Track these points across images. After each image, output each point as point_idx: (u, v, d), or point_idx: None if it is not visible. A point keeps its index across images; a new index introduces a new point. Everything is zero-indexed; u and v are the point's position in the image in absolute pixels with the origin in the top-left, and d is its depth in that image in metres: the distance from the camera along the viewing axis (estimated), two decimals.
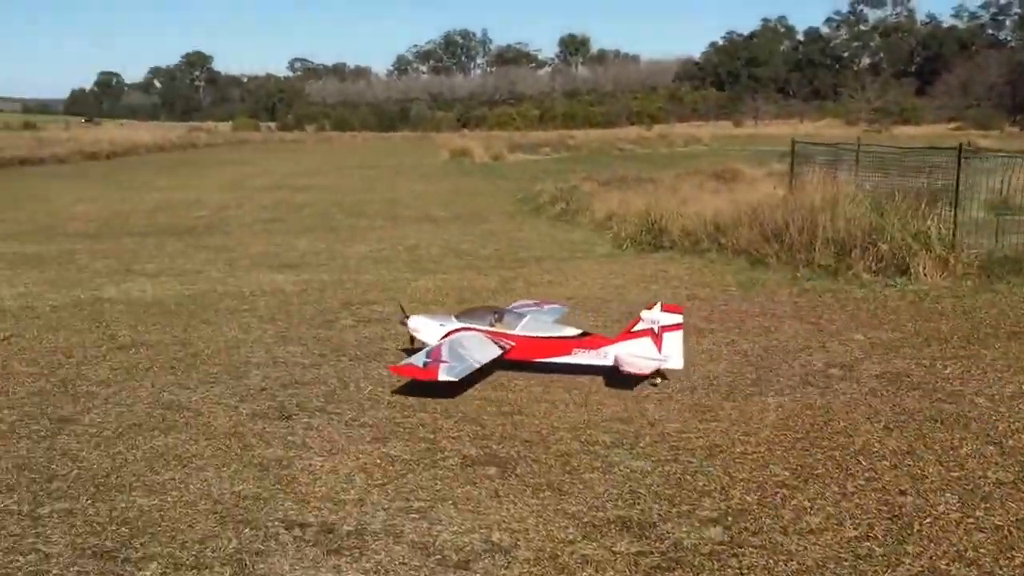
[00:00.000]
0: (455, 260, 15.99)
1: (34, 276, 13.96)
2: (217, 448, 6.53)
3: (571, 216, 23.07)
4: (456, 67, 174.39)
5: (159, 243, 18.43)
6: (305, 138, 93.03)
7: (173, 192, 31.75)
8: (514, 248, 17.67)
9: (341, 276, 13.97)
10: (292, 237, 19.41)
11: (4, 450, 6.53)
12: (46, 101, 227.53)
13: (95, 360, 8.95)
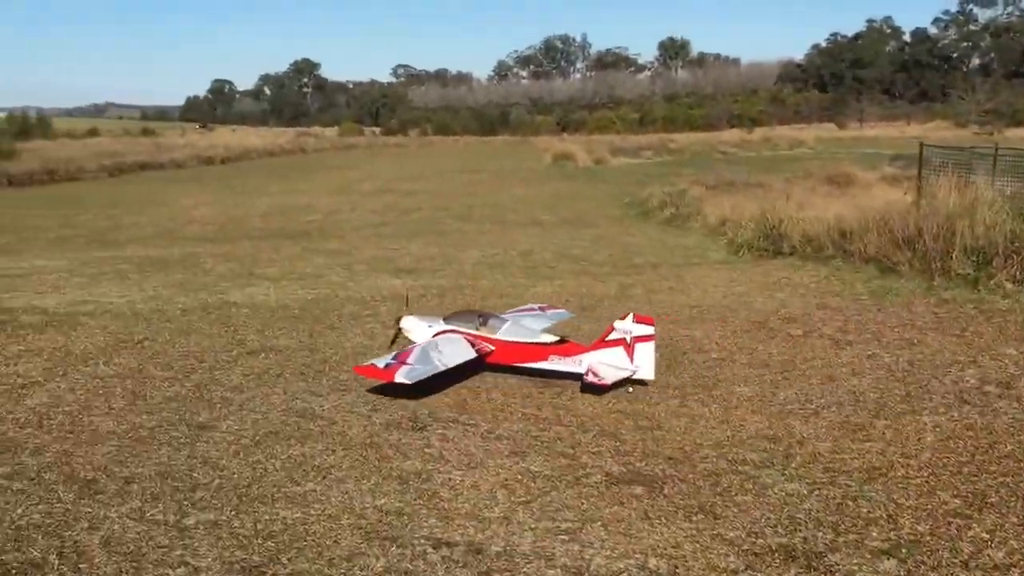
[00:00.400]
0: (570, 265, 15.76)
1: (161, 279, 14.29)
2: (355, 459, 6.43)
3: (682, 221, 22.61)
4: (556, 72, 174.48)
5: (276, 246, 18.72)
6: (408, 142, 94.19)
7: (285, 196, 32.42)
8: (627, 254, 17.34)
9: (458, 281, 13.89)
10: (404, 241, 19.49)
11: (146, 456, 6.57)
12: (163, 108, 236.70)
13: (227, 365, 9.02)
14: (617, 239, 19.56)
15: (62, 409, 7.69)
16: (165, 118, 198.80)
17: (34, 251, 18.61)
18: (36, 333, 10.51)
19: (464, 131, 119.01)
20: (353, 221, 24.25)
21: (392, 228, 22.65)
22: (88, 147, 60.51)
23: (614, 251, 17.58)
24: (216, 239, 20.74)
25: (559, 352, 8.25)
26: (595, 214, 26.26)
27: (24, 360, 9.32)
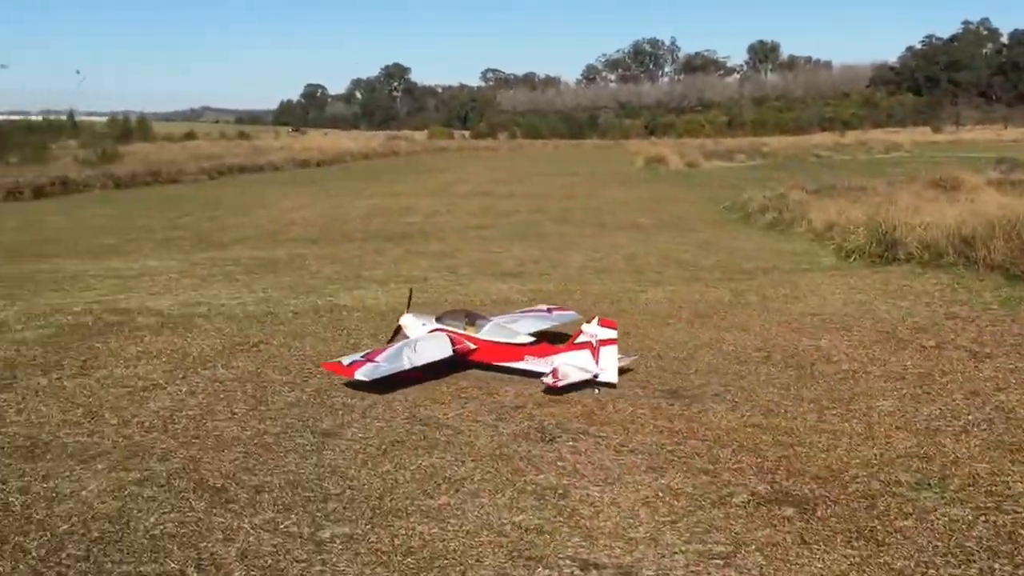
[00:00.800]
0: (678, 271, 15.36)
1: (270, 281, 14.38)
2: (486, 471, 6.22)
3: (785, 226, 21.96)
4: (644, 75, 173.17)
5: (379, 249, 18.75)
6: (498, 145, 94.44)
7: (382, 198, 32.63)
8: (735, 259, 16.84)
9: (566, 286, 13.63)
10: (505, 244, 19.33)
11: (273, 464, 6.47)
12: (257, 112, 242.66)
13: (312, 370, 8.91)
14: (722, 244, 19.06)
15: (185, 413, 7.67)
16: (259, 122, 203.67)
17: (143, 252, 19.00)
18: (153, 335, 10.61)
19: (553, 135, 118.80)
20: (452, 223, 24.21)
21: (492, 231, 22.51)
22: (187, 150, 62.32)
23: (721, 256, 17.11)
24: (319, 241, 20.90)
25: (534, 353, 8.46)
26: (694, 218, 25.74)
27: (144, 362, 9.40)
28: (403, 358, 8.27)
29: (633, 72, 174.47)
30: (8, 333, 10.75)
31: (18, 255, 18.62)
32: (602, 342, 7.97)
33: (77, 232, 23.08)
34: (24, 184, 32.60)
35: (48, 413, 7.73)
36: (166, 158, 50.66)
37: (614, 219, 25.07)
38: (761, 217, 23.84)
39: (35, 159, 46.11)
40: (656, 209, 27.95)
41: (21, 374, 8.97)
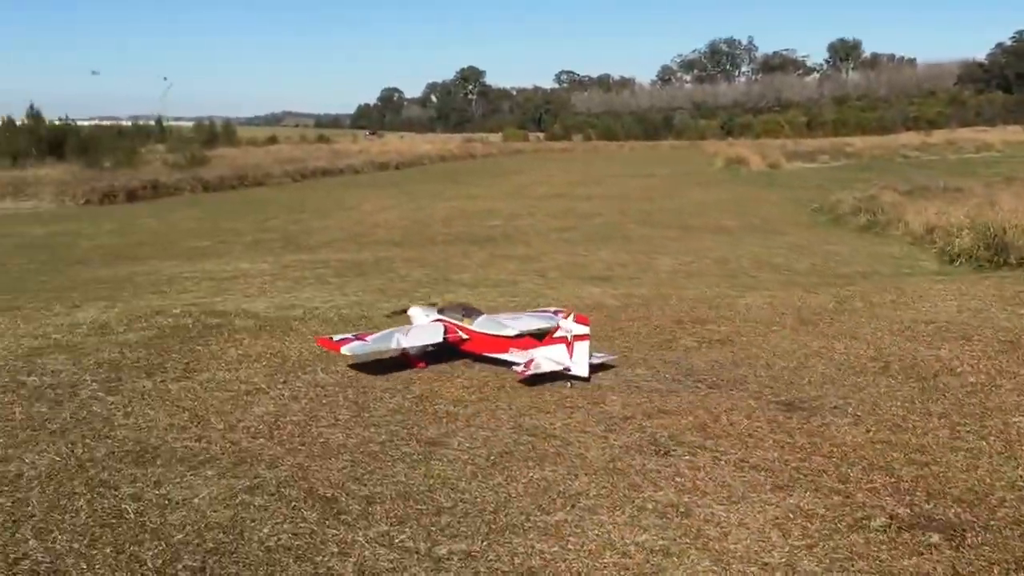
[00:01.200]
0: (773, 275, 14.92)
1: (361, 284, 14.36)
2: (601, 486, 5.97)
3: (880, 228, 21.32)
4: (720, 75, 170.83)
5: (464, 252, 18.68)
6: (573, 147, 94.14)
7: (463, 201, 32.67)
8: (831, 263, 16.35)
9: (659, 290, 13.30)
10: (591, 247, 19.09)
11: (381, 474, 6.33)
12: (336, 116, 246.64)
13: (445, 376, 8.77)
14: (816, 247, 18.53)
15: (289, 419, 7.60)
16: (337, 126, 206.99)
17: (235, 254, 19.26)
18: (251, 337, 10.61)
19: (628, 136, 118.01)
20: (535, 226, 24.06)
21: (576, 233, 22.30)
22: (270, 153, 63.40)
23: (816, 260, 16.62)
24: (403, 244, 20.94)
25: (517, 345, 8.88)
26: (782, 220, 25.17)
27: (245, 366, 9.38)
28: (392, 340, 8.88)
29: (709, 72, 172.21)
30: (111, 335, 10.87)
31: (115, 257, 19.05)
32: (576, 337, 8.28)
33: (169, 234, 23.56)
34: (118, 188, 33.52)
35: (155, 417, 7.73)
36: (251, 162, 51.59)
37: (698, 221, 24.66)
38: (853, 219, 23.22)
39: (127, 163, 47.40)
40: (741, 211, 27.43)
41: (126, 376, 9.02)
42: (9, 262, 18.43)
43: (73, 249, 20.86)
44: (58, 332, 11.04)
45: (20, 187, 32.91)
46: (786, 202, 30.68)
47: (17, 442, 7.14)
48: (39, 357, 9.81)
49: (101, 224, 26.06)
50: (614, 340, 10.06)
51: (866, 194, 26.83)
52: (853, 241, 19.98)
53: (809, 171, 48.10)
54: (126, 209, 31.45)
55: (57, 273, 16.64)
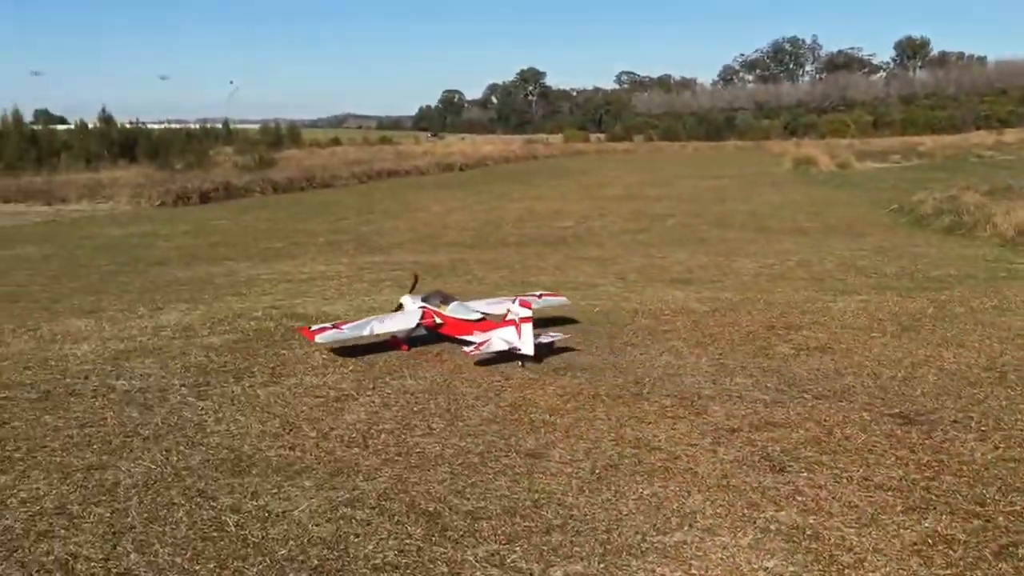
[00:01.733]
0: (860, 279, 14.39)
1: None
2: (718, 504, 5.67)
3: (967, 230, 20.53)
4: (784, 75, 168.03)
5: (538, 253, 18.45)
6: (635, 148, 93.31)
7: (531, 202, 32.45)
8: (920, 265, 15.73)
9: (746, 295, 12.89)
10: (668, 249, 18.72)
11: (483, 487, 6.12)
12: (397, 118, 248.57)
13: (535, 383, 8.52)
14: (901, 249, 17.89)
15: (382, 427, 7.43)
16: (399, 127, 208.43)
17: (310, 255, 19.28)
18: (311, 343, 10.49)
19: (690, 137, 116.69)
20: (607, 227, 23.74)
21: (650, 235, 21.93)
22: (336, 155, 63.98)
23: (903, 262, 16.01)
24: (476, 245, 20.79)
25: (480, 328, 9.63)
26: (861, 221, 24.47)
27: (331, 371, 9.26)
28: (367, 328, 9.68)
29: (772, 72, 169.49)
30: (196, 338, 10.86)
31: (193, 258, 19.21)
32: (522, 320, 9.01)
33: (243, 235, 23.74)
34: (192, 190, 34.00)
35: (246, 423, 7.63)
36: (318, 163, 52.08)
37: (775, 223, 24.08)
38: (936, 220, 22.46)
39: (197, 165, 48.18)
40: (816, 212, 26.77)
41: (215, 381, 8.97)
42: (90, 263, 18.68)
43: (151, 250, 21.09)
44: (143, 335, 11.07)
45: (96, 189, 33.56)
46: (862, 203, 29.85)
47: (111, 448, 7.09)
48: (126, 360, 9.82)
49: (176, 225, 26.38)
50: (706, 346, 9.73)
51: (946, 195, 25.95)
52: (939, 243, 19.28)
53: (881, 171, 46.89)
54: (199, 211, 31.85)
55: (137, 275, 16.80)
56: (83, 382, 9.02)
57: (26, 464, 6.78)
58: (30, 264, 18.71)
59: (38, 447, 7.15)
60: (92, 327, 11.59)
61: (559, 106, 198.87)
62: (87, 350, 10.33)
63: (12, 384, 8.99)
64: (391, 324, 9.94)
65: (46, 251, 20.93)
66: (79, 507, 5.98)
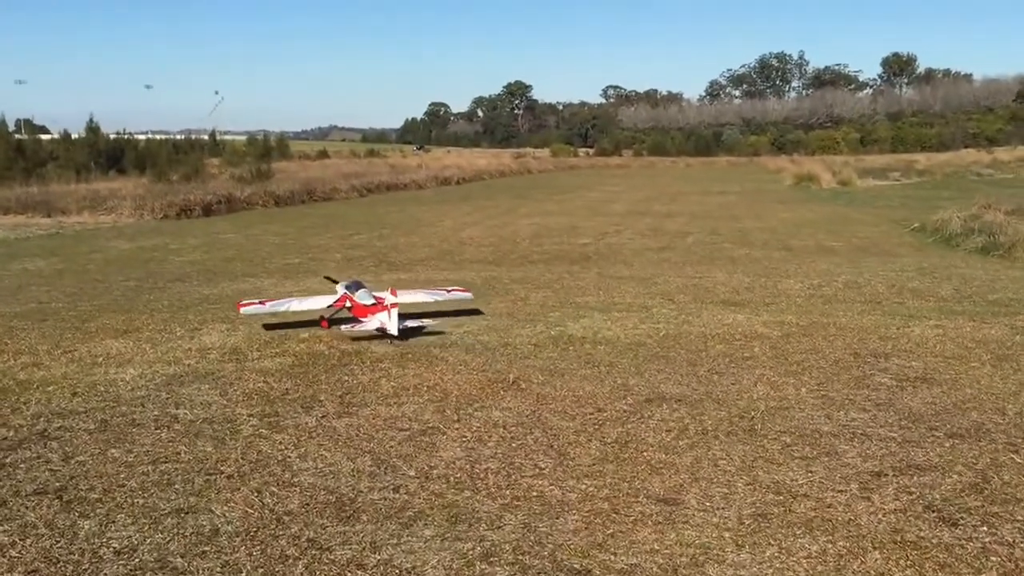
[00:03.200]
0: (919, 301, 13.96)
1: (480, 307, 13.66)
2: (904, 567, 5.12)
3: (1005, 251, 20.21)
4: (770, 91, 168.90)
5: (570, 272, 17.92)
6: (628, 163, 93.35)
7: (540, 217, 31.97)
8: (975, 288, 15.30)
9: (810, 319, 12.38)
10: (700, 268, 18.27)
11: (628, 541, 5.54)
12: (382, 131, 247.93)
13: (631, 416, 7.99)
14: (945, 271, 17.49)
15: (485, 466, 6.87)
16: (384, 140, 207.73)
17: (330, 271, 18.64)
18: (396, 367, 9.94)
19: (679, 152, 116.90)
20: (628, 245, 23.26)
21: (674, 253, 21.47)
22: (330, 167, 63.31)
23: (956, 285, 15.61)
24: (499, 262, 20.25)
25: (371, 311, 11.45)
26: (886, 240, 24.15)
27: (404, 399, 8.70)
28: (284, 305, 11.95)
29: (759, 88, 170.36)
30: (248, 362, 10.26)
31: (212, 274, 18.56)
32: (392, 305, 10.96)
33: (257, 250, 23.10)
34: (194, 202, 33.26)
35: (334, 460, 7.06)
36: (313, 176, 51.38)
37: (798, 242, 23.70)
38: (966, 240, 22.13)
39: (194, 177, 47.39)
40: (836, 231, 26.44)
41: (283, 411, 8.38)
42: (107, 279, 17.98)
43: (164, 265, 20.41)
44: (189, 358, 10.47)
45: (97, 202, 32.75)
46: (878, 221, 29.59)
47: (196, 489, 6.50)
48: (180, 386, 9.23)
49: (185, 239, 25.66)
50: (798, 375, 9.24)
51: (968, 213, 25.72)
52: (980, 264, 18.89)
53: (884, 188, 46.83)
54: (204, 223, 31.12)
55: (160, 291, 16.14)
56: (141, 410, 8.43)
57: (107, 507, 6.19)
58: (43, 279, 18.00)
59: (115, 486, 6.56)
60: (132, 349, 10.97)
61: (545, 120, 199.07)
62: (135, 374, 9.72)
63: (65, 412, 8.39)
64: (308, 304, 12.08)
65: (56, 265, 20.20)
66: (183, 560, 5.40)
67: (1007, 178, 53.49)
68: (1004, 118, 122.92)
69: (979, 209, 26.35)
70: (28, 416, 8.30)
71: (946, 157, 75.08)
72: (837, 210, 34.02)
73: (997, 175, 56.33)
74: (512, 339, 11.29)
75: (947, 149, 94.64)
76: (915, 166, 60.61)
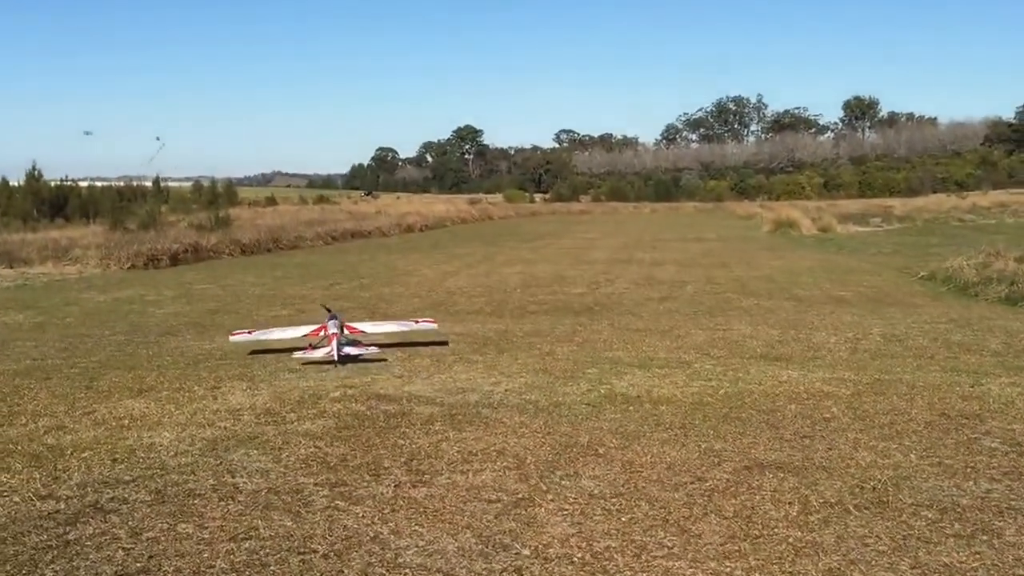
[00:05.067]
0: (973, 356, 13.21)
1: (511, 362, 12.95)
2: None
3: None
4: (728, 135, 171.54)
5: (581, 324, 17.34)
6: (591, 208, 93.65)
7: (522, 266, 31.54)
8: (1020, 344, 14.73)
9: (870, 375, 11.72)
10: (718, 320, 17.84)
11: None
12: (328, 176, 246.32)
13: (744, 486, 7.37)
14: (982, 323, 16.86)
15: (606, 544, 6.21)
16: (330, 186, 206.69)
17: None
18: (452, 429, 9.24)
19: (638, 197, 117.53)
20: (627, 295, 22.81)
21: (678, 304, 21.06)
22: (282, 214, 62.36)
23: (1003, 338, 14.96)
24: (498, 314, 19.64)
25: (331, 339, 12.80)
26: (896, 290, 23.99)
27: (477, 466, 7.99)
28: (271, 334, 13.73)
29: (716, 132, 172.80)
30: (286, 424, 9.48)
31: (202, 328, 17.65)
32: (332, 335, 12.88)
33: (238, 302, 22.24)
34: (161, 251, 32.17)
35: (433, 537, 6.34)
36: (274, 223, 50.50)
37: (804, 292, 23.45)
38: (985, 290, 21.86)
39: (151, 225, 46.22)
40: (839, 280, 26.28)
41: (351, 480, 7.63)
42: (92, 333, 16.98)
43: (147, 318, 19.43)
44: (222, 419, 9.68)
45: (59, 252, 31.48)
46: (879, 269, 29.50)
47: (295, 570, 5.80)
48: (226, 452, 8.45)
49: (160, 290, 24.59)
50: (896, 439, 8.68)
51: (976, 261, 25.62)
52: (1014, 315, 18.49)
53: (869, 235, 46.99)
54: (173, 274, 29.99)
55: (156, 346, 15.22)
56: (194, 479, 7.66)
57: None
58: (25, 333, 16.96)
59: (203, 567, 5.82)
60: (156, 410, 10.14)
61: (497, 165, 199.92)
62: (171, 438, 8.92)
63: (111, 481, 7.59)
64: (291, 334, 13.61)
65: (34, 319, 19.11)
66: None
67: (990, 223, 54.10)
68: (973, 162, 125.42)
69: (987, 257, 26.21)
70: (74, 486, 7.50)
71: (923, 202, 76.15)
72: (829, 257, 34.03)
73: (979, 220, 57.04)
74: (561, 398, 10.63)
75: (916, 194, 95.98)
76: (893, 211, 61.24)
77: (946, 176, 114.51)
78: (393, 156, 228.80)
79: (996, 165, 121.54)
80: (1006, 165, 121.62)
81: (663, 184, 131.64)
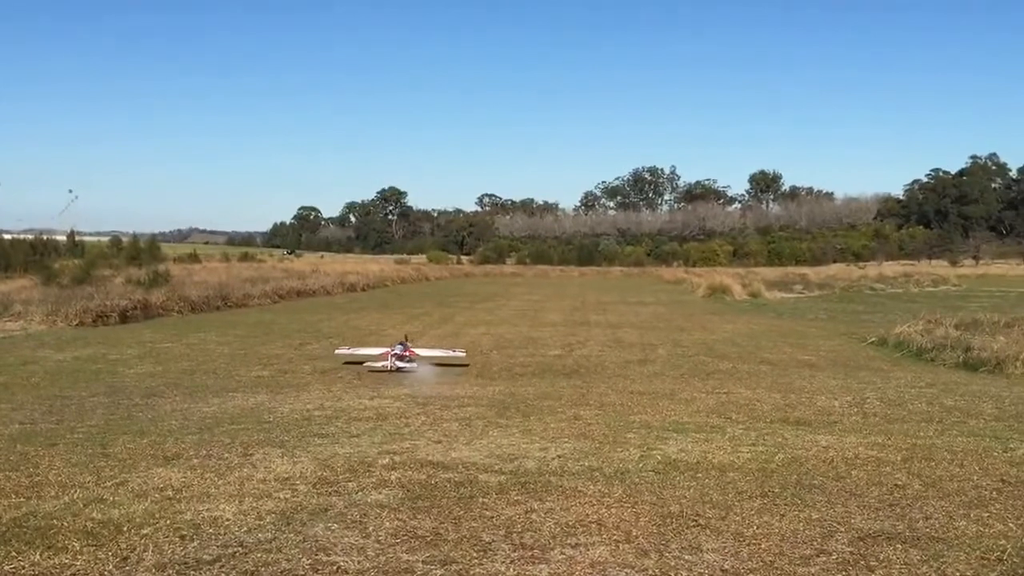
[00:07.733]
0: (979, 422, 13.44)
1: (539, 426, 12.61)
2: None
3: (993, 366, 20.57)
4: (643, 203, 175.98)
5: (579, 387, 17.16)
6: (522, 271, 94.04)
7: (485, 327, 31.27)
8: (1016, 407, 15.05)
9: (900, 440, 11.82)
10: (710, 384, 17.90)
11: None
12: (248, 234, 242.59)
13: (873, 560, 7.16)
14: (959, 387, 17.27)
15: None
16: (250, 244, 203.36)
17: (313, 387, 17.24)
18: (532, 499, 8.86)
19: (561, 261, 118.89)
20: (607, 358, 22.70)
21: (661, 367, 21.03)
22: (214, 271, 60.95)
23: (993, 403, 15.31)
24: (488, 376, 19.29)
25: None
26: (855, 355, 24.48)
27: (583, 539, 7.64)
28: (363, 351, 19.85)
29: (632, 200, 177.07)
30: (349, 494, 8.96)
31: (187, 389, 16.85)
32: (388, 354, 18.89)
33: (211, 361, 21.40)
34: (111, 308, 30.85)
35: None
36: (211, 280, 49.29)
37: (771, 355, 23.74)
38: (941, 355, 22.52)
39: (85, 280, 44.69)
40: (796, 344, 26.73)
41: (458, 556, 7.19)
42: (68, 394, 16.06)
43: (120, 378, 18.53)
44: (277, 491, 9.13)
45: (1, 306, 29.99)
46: (828, 334, 30.06)
47: None
48: (303, 526, 7.95)
49: (120, 349, 23.51)
50: (987, 507, 8.65)
51: (918, 328, 26.47)
52: (980, 381, 18.81)
53: (796, 301, 48.24)
54: (126, 331, 28.76)
55: (149, 409, 14.45)
56: (285, 558, 7.12)
57: None
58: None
59: None
60: (196, 479, 9.51)
61: (420, 226, 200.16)
62: (234, 511, 8.32)
63: (191, 562, 7.00)
64: (371, 351, 19.94)
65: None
66: None
67: (899, 292, 56.39)
68: (867, 235, 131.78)
69: (927, 324, 27.12)
70: (151, 566, 6.87)
71: (833, 271, 79.00)
72: (774, 322, 34.62)
73: (888, 289, 59.40)
74: (620, 465, 10.36)
75: (819, 263, 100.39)
76: (809, 279, 63.22)
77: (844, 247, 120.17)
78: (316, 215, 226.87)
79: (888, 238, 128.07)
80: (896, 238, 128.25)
81: (585, 248, 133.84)
